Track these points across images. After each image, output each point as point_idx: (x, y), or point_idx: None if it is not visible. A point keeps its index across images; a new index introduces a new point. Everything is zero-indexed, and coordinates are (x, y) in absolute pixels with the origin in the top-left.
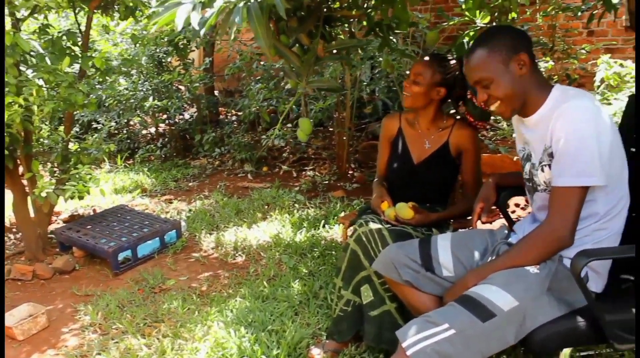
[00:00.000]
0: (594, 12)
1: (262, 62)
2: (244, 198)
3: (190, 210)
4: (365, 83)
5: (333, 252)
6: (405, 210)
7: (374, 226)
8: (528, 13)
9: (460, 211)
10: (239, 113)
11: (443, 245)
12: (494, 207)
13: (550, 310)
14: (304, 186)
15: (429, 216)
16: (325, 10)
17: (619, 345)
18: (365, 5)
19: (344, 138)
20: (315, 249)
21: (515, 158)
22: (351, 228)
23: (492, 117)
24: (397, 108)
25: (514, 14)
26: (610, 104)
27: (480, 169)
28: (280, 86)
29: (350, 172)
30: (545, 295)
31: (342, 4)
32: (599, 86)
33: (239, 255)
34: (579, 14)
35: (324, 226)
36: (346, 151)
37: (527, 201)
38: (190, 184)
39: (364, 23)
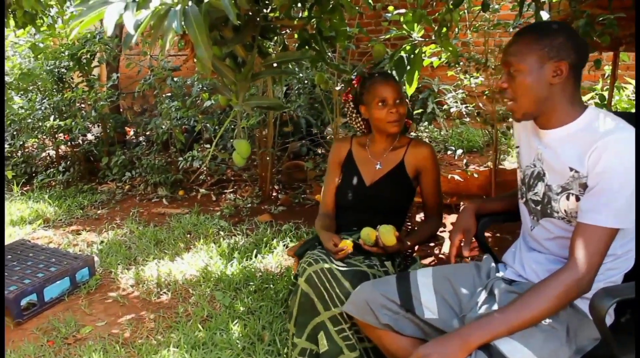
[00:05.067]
0: None
1: (174, 79)
2: (161, 226)
3: (102, 242)
4: (283, 100)
5: (271, 285)
6: (389, 236)
7: (323, 264)
8: (459, 28)
9: (425, 235)
10: (148, 133)
11: (424, 282)
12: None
13: None
14: (225, 210)
15: (404, 244)
16: (261, 19)
17: None
18: (300, 15)
19: (267, 158)
20: (251, 283)
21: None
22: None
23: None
24: (320, 125)
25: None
26: None
27: (440, 188)
28: (197, 103)
29: (275, 194)
30: (564, 345)
31: (281, 13)
32: None
33: (164, 292)
34: (510, 30)
35: (256, 256)
36: (270, 172)
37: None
38: (99, 211)
39: (295, 36)
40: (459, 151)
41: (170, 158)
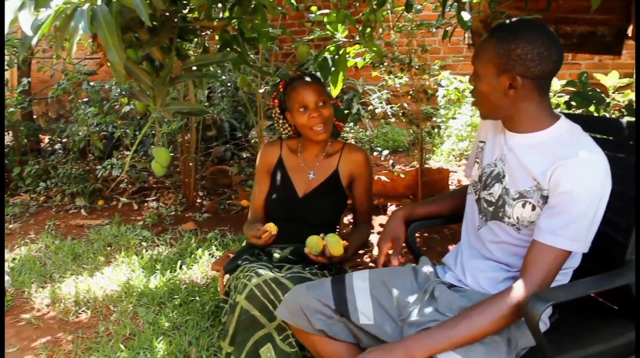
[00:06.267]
0: (447, 29)
1: (91, 83)
2: (80, 239)
3: (14, 259)
4: (205, 104)
5: (197, 298)
6: (338, 246)
7: (266, 275)
8: (383, 28)
9: (359, 243)
10: (64, 140)
11: (360, 286)
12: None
13: None
14: (148, 220)
15: (347, 254)
16: (179, 20)
17: None
18: (221, 16)
19: (190, 164)
20: (176, 296)
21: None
22: (226, 276)
23: None
24: (245, 129)
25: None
26: (455, 118)
27: (372, 194)
28: (115, 109)
29: (199, 201)
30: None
31: (200, 13)
32: (440, 101)
33: (83, 311)
34: (433, 30)
35: (181, 268)
36: (193, 179)
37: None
38: (11, 226)
39: (216, 37)
40: (385, 152)
41: (89, 166)
